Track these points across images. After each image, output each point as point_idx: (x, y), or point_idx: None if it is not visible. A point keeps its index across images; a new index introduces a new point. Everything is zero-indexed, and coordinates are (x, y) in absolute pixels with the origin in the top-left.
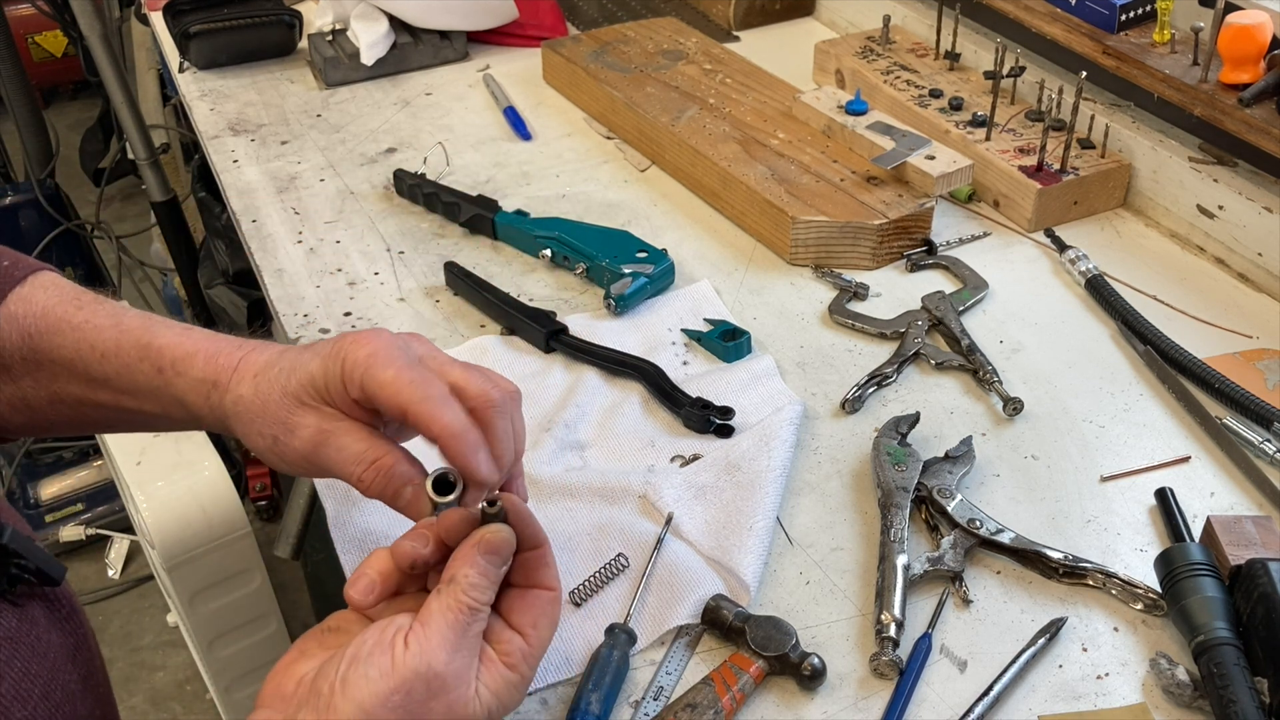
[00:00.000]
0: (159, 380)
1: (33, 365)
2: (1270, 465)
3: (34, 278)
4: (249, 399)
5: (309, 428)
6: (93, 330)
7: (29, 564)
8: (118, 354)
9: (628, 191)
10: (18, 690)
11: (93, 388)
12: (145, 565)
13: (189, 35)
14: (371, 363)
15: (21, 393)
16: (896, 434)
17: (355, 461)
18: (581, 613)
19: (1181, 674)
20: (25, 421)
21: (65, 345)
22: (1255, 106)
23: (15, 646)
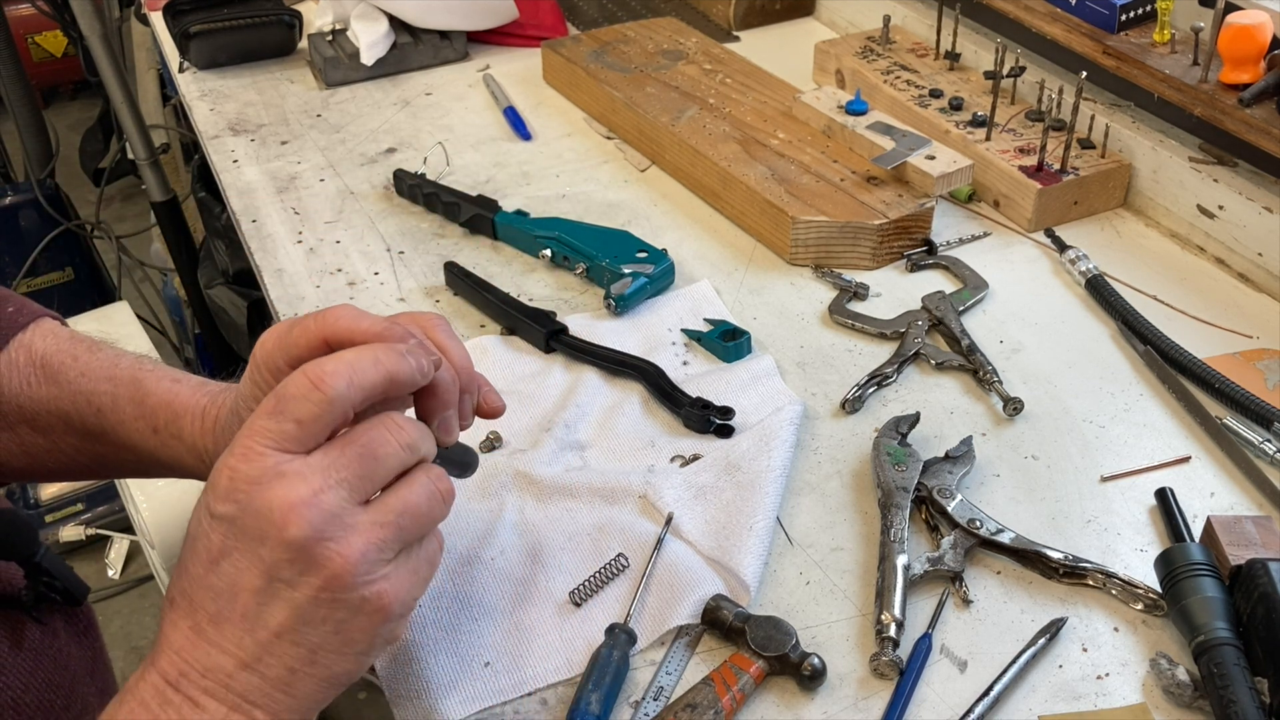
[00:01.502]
0: (155, 441)
1: (30, 415)
2: (1270, 465)
3: (35, 325)
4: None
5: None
6: (88, 384)
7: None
8: (114, 409)
9: (628, 191)
10: (42, 701)
11: (90, 440)
12: (145, 565)
13: (189, 35)
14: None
15: (20, 440)
16: (896, 434)
17: None
18: (581, 613)
19: (1181, 674)
20: (24, 467)
21: (62, 397)
22: (1255, 106)
23: (39, 658)
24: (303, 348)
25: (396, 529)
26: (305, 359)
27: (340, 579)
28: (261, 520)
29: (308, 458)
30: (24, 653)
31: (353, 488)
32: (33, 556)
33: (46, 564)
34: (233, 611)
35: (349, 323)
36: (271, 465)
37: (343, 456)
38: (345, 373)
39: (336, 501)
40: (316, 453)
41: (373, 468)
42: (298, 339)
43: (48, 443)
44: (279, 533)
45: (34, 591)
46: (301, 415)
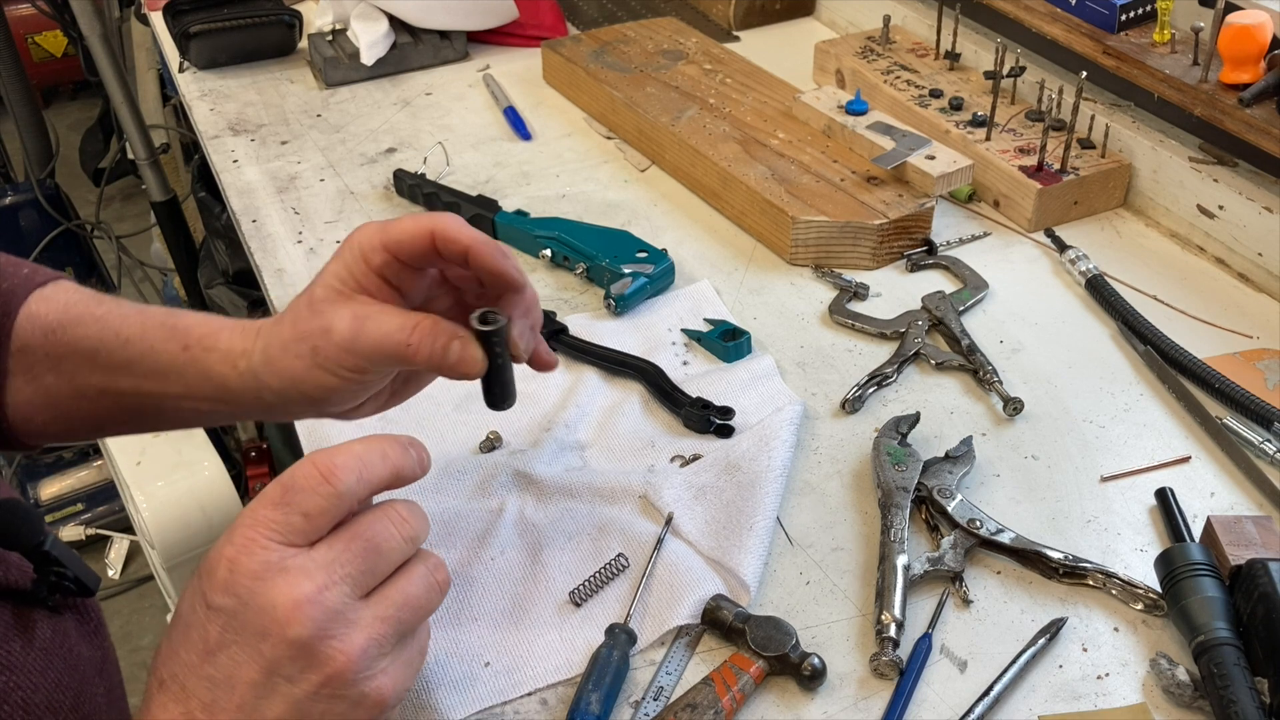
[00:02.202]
0: (185, 357)
1: (55, 360)
2: (1270, 465)
3: (55, 283)
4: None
5: (345, 317)
6: (116, 318)
7: (69, 572)
8: (142, 337)
9: (628, 191)
10: (51, 701)
11: (115, 375)
12: (145, 565)
13: (189, 35)
14: (384, 224)
15: (44, 390)
16: (896, 434)
17: (399, 330)
18: (581, 613)
19: (1181, 674)
20: (48, 420)
21: (89, 335)
22: (1255, 106)
23: (49, 657)
24: (409, 234)
25: (396, 623)
26: (405, 246)
27: (341, 676)
28: (263, 617)
29: (311, 552)
30: (35, 651)
31: (355, 583)
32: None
33: (55, 553)
34: (229, 702)
35: (458, 225)
36: (275, 560)
37: (347, 551)
38: (355, 467)
39: (339, 598)
40: (320, 546)
41: (376, 562)
42: (406, 226)
43: (71, 388)
44: (281, 630)
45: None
46: (309, 509)
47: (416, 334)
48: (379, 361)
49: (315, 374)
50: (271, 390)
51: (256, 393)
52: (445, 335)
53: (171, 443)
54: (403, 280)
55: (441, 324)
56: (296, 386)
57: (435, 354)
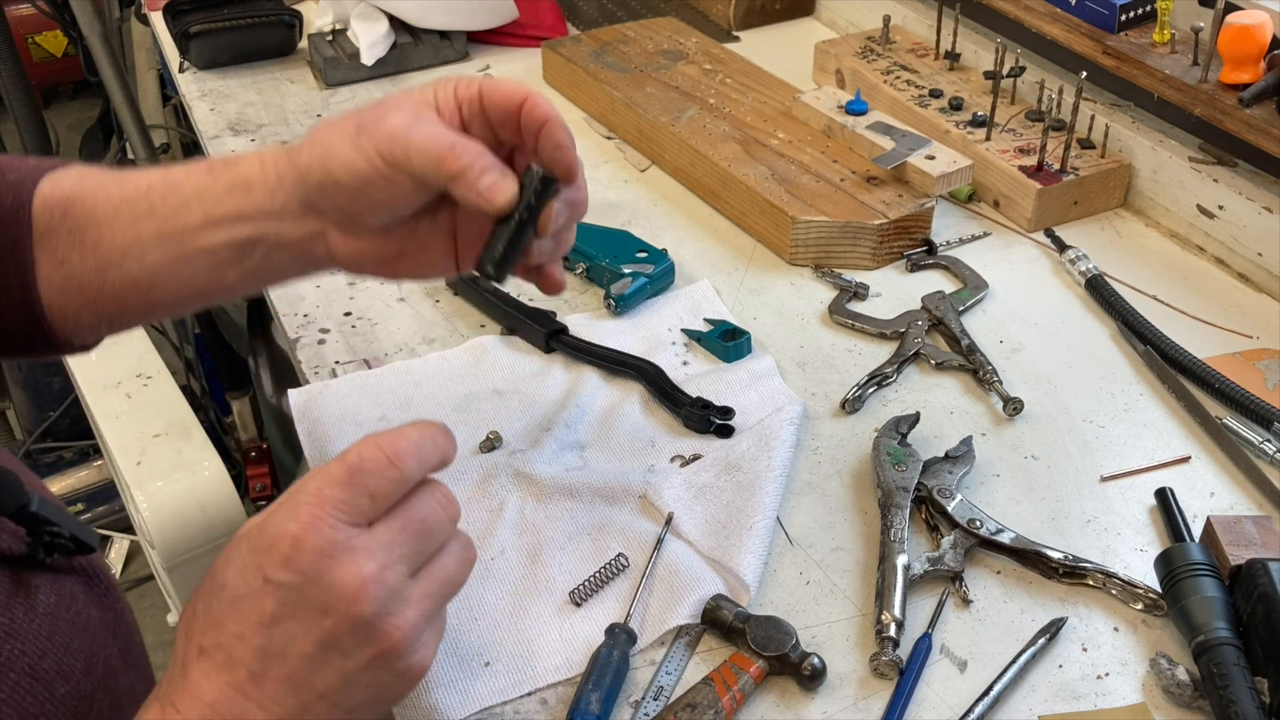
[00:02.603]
0: (208, 179)
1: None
2: (1270, 465)
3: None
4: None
5: (404, 113)
6: (135, 175)
7: (63, 531)
8: (164, 180)
9: (628, 191)
10: (60, 665)
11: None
12: (145, 565)
13: (189, 35)
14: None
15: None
16: (896, 434)
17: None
18: (581, 613)
19: (1181, 674)
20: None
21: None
22: (1255, 106)
23: (56, 622)
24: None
25: (439, 599)
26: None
27: (395, 650)
28: (328, 594)
29: (373, 532)
30: (39, 616)
31: (410, 562)
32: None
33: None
34: (279, 672)
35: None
36: (341, 540)
37: (404, 533)
38: (416, 453)
39: (398, 577)
40: (379, 527)
41: (427, 543)
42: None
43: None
44: (346, 608)
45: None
46: (375, 490)
47: (462, 145)
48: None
49: (346, 152)
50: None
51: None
52: (489, 159)
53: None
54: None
55: (490, 154)
56: (323, 163)
57: (472, 171)
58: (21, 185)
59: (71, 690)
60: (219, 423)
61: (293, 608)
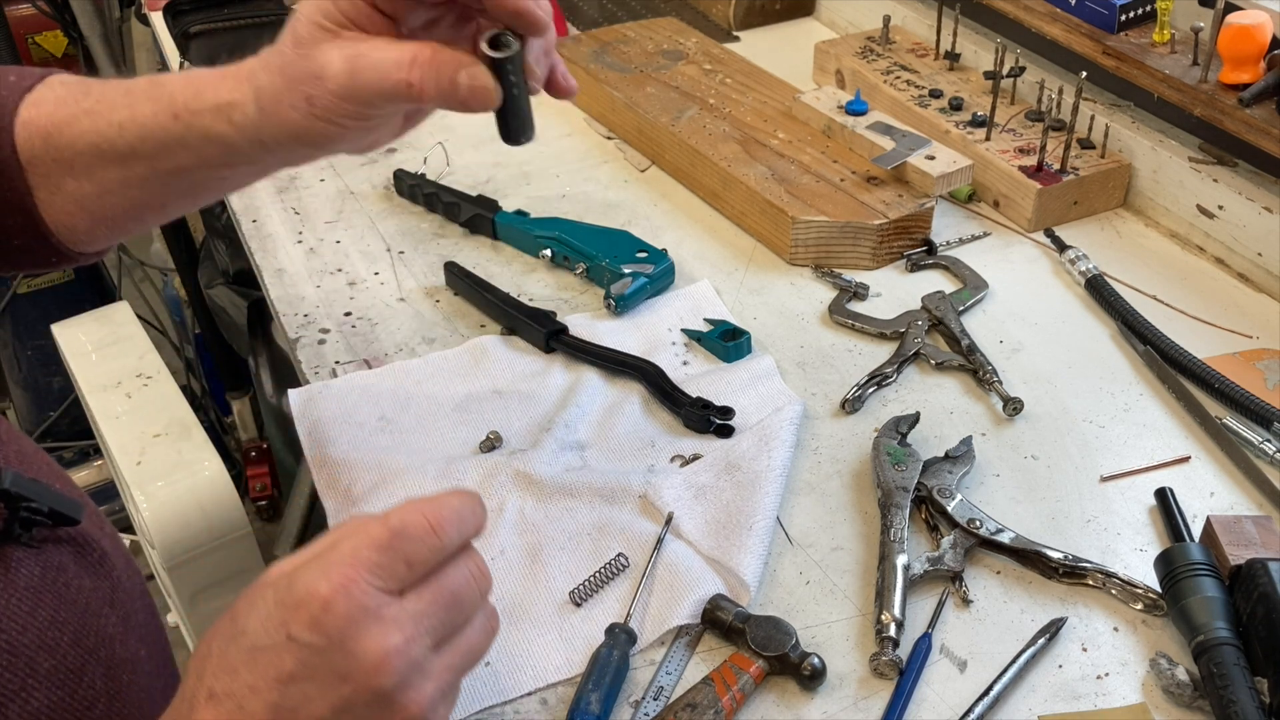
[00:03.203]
0: (178, 126)
1: (65, 163)
2: (1270, 465)
3: (43, 82)
4: (268, 84)
5: (335, 60)
6: (106, 107)
7: (40, 506)
8: (133, 119)
9: (628, 191)
10: (43, 640)
11: (125, 164)
12: (145, 565)
13: (189, 35)
14: None
15: (70, 194)
16: (896, 434)
17: (397, 67)
18: (581, 613)
19: (1181, 674)
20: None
21: (85, 131)
22: (1255, 106)
23: (39, 596)
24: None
25: (459, 671)
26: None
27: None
28: (349, 661)
29: (403, 602)
30: (18, 592)
31: (436, 635)
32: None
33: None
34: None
35: None
36: (372, 607)
37: (434, 604)
38: (457, 522)
39: (422, 650)
40: (411, 596)
41: (455, 616)
42: None
43: (94, 185)
44: (366, 678)
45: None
46: (413, 558)
47: (418, 69)
48: (381, 104)
49: (315, 124)
50: (275, 140)
51: (263, 144)
52: (451, 66)
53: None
54: (396, 6)
55: (444, 53)
56: (298, 138)
57: (443, 88)
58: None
59: (57, 664)
60: (219, 423)
61: (312, 670)
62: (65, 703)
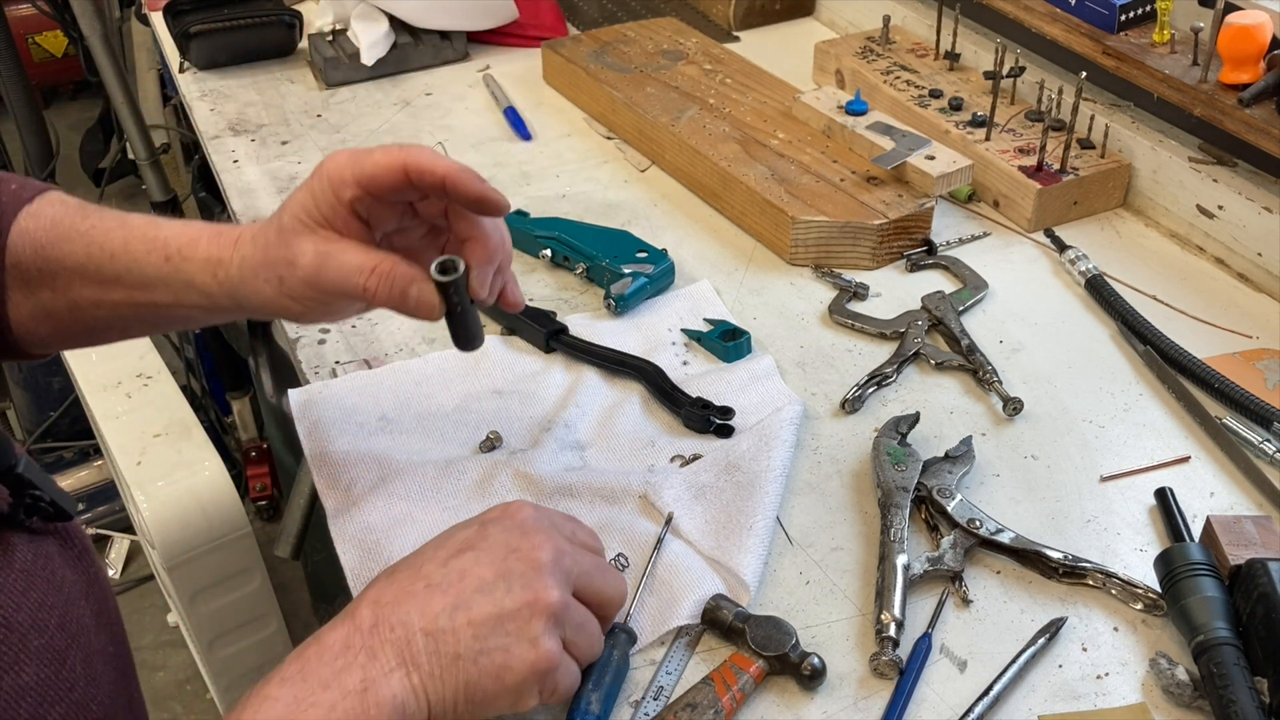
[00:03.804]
0: (167, 268)
1: (48, 275)
2: (1270, 465)
3: (42, 196)
4: (251, 255)
5: (308, 253)
6: (101, 233)
7: (44, 495)
8: (126, 250)
9: (628, 191)
10: (35, 620)
11: (106, 288)
12: (145, 565)
13: (189, 35)
14: (357, 156)
15: (42, 304)
16: (896, 434)
17: (357, 272)
18: None
19: (1181, 674)
20: (50, 333)
21: (76, 251)
22: (1255, 106)
23: (31, 579)
24: (382, 169)
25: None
26: (378, 180)
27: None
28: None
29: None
30: (15, 573)
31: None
32: (13, 468)
33: (29, 475)
34: (450, 588)
35: (430, 158)
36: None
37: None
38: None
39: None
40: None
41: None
42: (378, 160)
43: (66, 301)
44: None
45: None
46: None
47: (374, 277)
48: (339, 298)
49: (283, 300)
50: (248, 302)
51: (234, 302)
52: (404, 280)
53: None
54: (372, 213)
55: (400, 267)
56: (269, 307)
57: (393, 298)
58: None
59: (45, 644)
60: (219, 423)
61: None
62: (50, 681)
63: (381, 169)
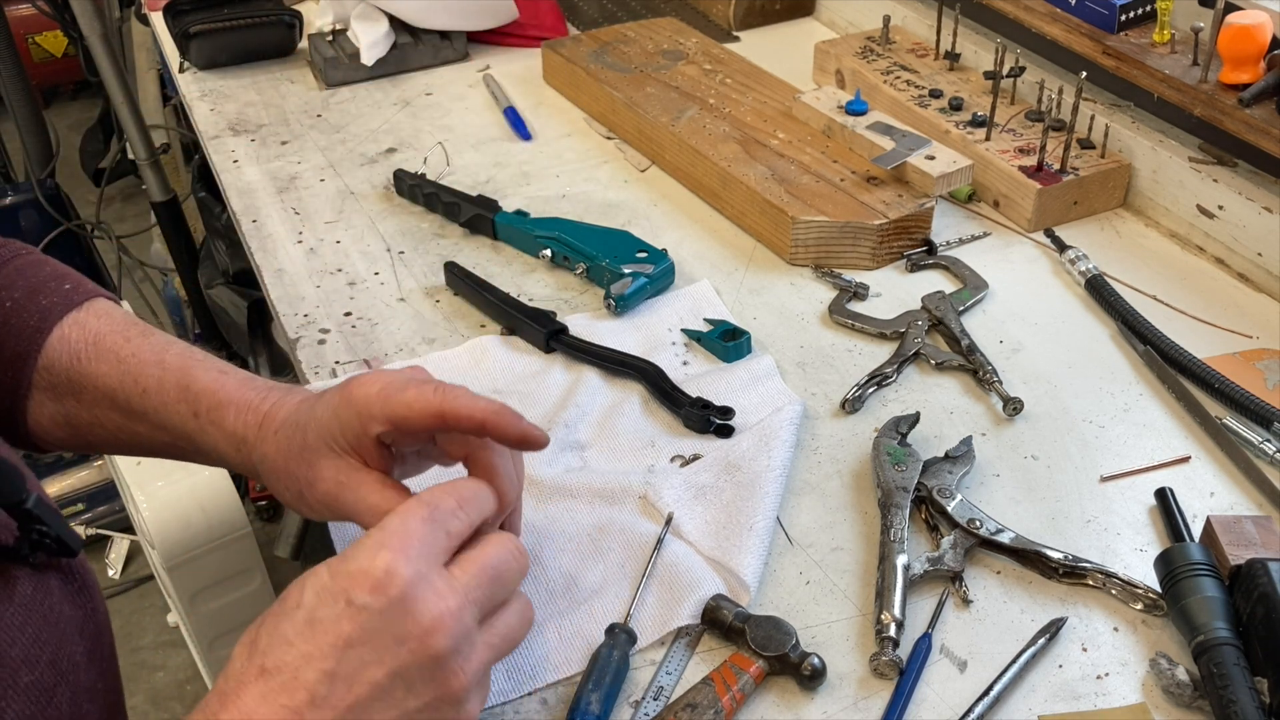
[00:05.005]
0: (194, 425)
1: (77, 388)
2: (1270, 465)
3: (90, 304)
4: (273, 458)
5: (327, 480)
6: (137, 365)
7: (50, 531)
8: (159, 391)
9: (628, 191)
10: (27, 655)
11: (132, 419)
12: (145, 565)
13: (189, 35)
14: (388, 392)
15: (65, 411)
16: (896, 434)
17: (369, 513)
18: (581, 612)
19: (1181, 674)
20: (66, 438)
21: (110, 375)
22: (1255, 106)
23: (29, 613)
24: (415, 413)
25: (498, 653)
26: (410, 423)
27: (455, 695)
28: (408, 622)
29: (452, 571)
30: (14, 606)
31: (481, 608)
32: (22, 503)
33: (38, 511)
34: (341, 700)
35: (468, 401)
36: (427, 572)
37: (480, 577)
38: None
39: (471, 620)
40: (456, 569)
41: (498, 592)
42: (413, 403)
43: (91, 417)
44: (423, 639)
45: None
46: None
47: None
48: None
49: (300, 507)
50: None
51: (252, 474)
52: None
53: None
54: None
55: None
56: (281, 500)
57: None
58: (50, 311)
59: (35, 680)
60: None
61: (371, 634)
62: (35, 718)
63: (415, 413)
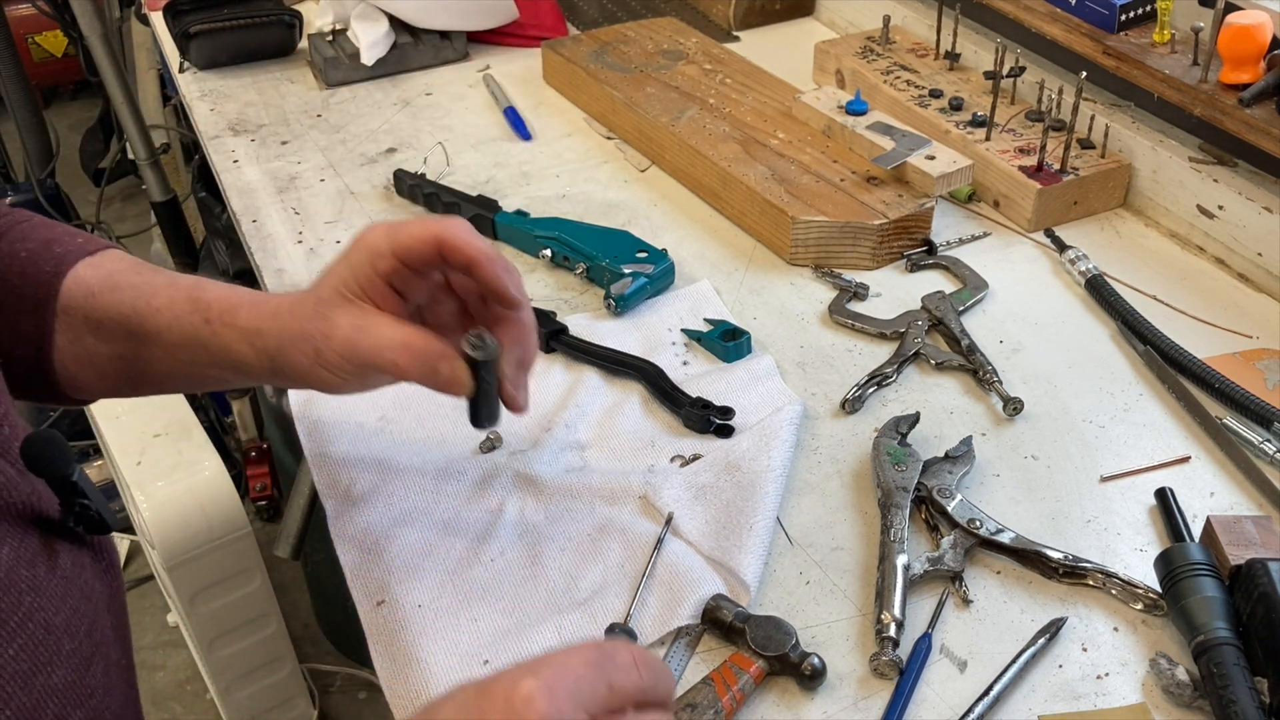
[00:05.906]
0: (207, 331)
1: (95, 323)
2: (1270, 465)
3: (105, 251)
4: (289, 326)
5: (344, 326)
6: (149, 288)
7: (92, 505)
8: (170, 307)
9: (628, 191)
10: (69, 625)
11: (146, 342)
12: (145, 565)
13: (189, 35)
14: (392, 228)
15: (86, 350)
16: (896, 434)
17: (389, 347)
18: (581, 612)
19: (1181, 674)
20: (91, 379)
21: (124, 301)
22: (1255, 106)
23: (69, 585)
24: (417, 240)
25: None
26: (413, 252)
27: None
28: None
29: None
30: (57, 578)
31: None
32: (69, 476)
33: (83, 485)
34: None
35: (466, 234)
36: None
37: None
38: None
39: None
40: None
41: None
42: (414, 232)
43: (111, 352)
44: None
45: (70, 513)
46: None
47: (407, 353)
48: (372, 371)
49: (318, 371)
50: (283, 373)
51: (271, 370)
52: (436, 357)
53: (171, 443)
54: (407, 285)
55: (434, 344)
56: (304, 378)
57: (425, 374)
58: (64, 258)
59: (75, 649)
60: (219, 423)
61: None
62: (75, 685)
63: (416, 240)
